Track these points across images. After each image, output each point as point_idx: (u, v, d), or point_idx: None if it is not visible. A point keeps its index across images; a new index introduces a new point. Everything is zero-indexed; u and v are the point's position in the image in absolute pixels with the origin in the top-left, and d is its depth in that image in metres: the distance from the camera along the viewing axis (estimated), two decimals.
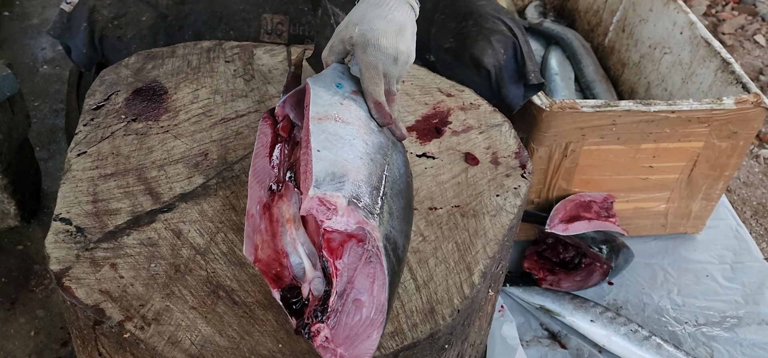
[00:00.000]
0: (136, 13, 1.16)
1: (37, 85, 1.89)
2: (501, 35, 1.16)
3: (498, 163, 0.95)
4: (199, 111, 0.97)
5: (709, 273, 1.49)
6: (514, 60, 1.17)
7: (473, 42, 1.15)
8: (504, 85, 1.16)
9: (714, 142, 1.36)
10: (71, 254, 0.76)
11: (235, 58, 1.08)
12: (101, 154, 0.89)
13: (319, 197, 0.66)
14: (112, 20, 1.15)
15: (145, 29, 1.15)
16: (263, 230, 0.71)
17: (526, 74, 1.17)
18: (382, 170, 0.74)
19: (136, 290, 0.74)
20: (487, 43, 1.14)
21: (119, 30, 1.15)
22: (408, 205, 0.77)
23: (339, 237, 0.66)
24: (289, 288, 0.68)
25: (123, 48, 1.16)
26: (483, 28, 1.15)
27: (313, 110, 0.77)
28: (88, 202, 0.83)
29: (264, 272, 0.69)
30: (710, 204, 1.51)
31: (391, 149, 0.79)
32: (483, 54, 1.14)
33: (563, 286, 1.38)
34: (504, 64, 1.15)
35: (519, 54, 1.17)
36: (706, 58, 1.48)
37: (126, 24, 1.16)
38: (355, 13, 0.85)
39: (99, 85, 1.00)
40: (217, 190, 0.86)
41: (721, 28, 2.65)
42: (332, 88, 0.82)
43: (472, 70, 1.16)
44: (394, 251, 0.68)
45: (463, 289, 0.78)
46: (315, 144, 0.72)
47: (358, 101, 0.82)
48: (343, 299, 0.64)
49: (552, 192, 1.40)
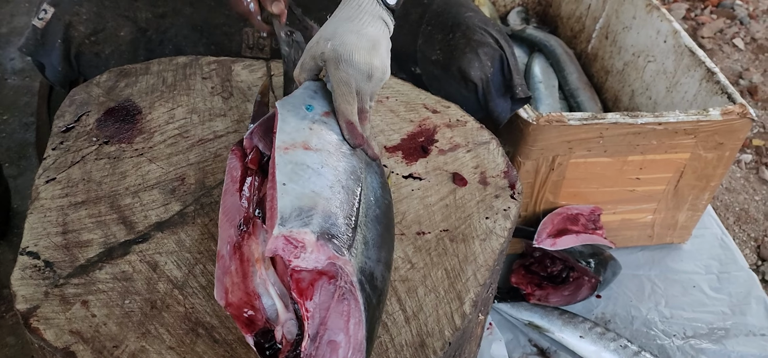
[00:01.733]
0: (115, 27, 1.11)
1: (6, 98, 1.83)
2: (488, 48, 1.13)
3: (487, 184, 0.92)
4: (176, 132, 0.93)
5: (696, 284, 1.49)
6: (501, 73, 1.15)
7: (461, 54, 1.12)
8: (491, 98, 1.14)
9: (700, 153, 1.35)
10: (39, 292, 0.72)
11: (212, 75, 1.04)
12: (71, 180, 0.84)
13: (285, 236, 0.62)
14: (89, 36, 1.10)
15: (124, 45, 1.11)
16: (233, 271, 0.67)
17: (514, 88, 1.15)
18: (354, 197, 0.70)
19: (109, 329, 0.69)
20: (474, 55, 1.12)
21: (97, 46, 1.11)
22: (386, 230, 0.73)
23: (308, 276, 0.62)
24: (263, 332, 0.64)
25: (101, 65, 1.11)
26: (471, 41, 1.13)
27: (279, 139, 0.72)
28: (57, 233, 0.78)
29: (236, 317, 0.65)
30: (696, 214, 1.50)
31: (365, 172, 0.75)
32: (470, 67, 1.12)
33: (551, 301, 1.36)
34: (491, 78, 1.13)
35: (506, 67, 1.15)
36: (691, 67, 1.48)
37: (104, 40, 1.11)
38: (327, 28, 0.80)
39: (68, 106, 0.96)
40: (195, 217, 0.82)
41: (701, 31, 2.66)
42: (301, 112, 0.77)
43: (459, 83, 1.13)
44: (370, 282, 0.64)
45: (454, 320, 0.75)
46: (280, 177, 0.68)
47: (329, 124, 0.78)
48: (317, 343, 0.60)
49: (539, 205, 1.38)
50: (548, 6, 2.08)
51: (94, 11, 1.11)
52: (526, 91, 1.17)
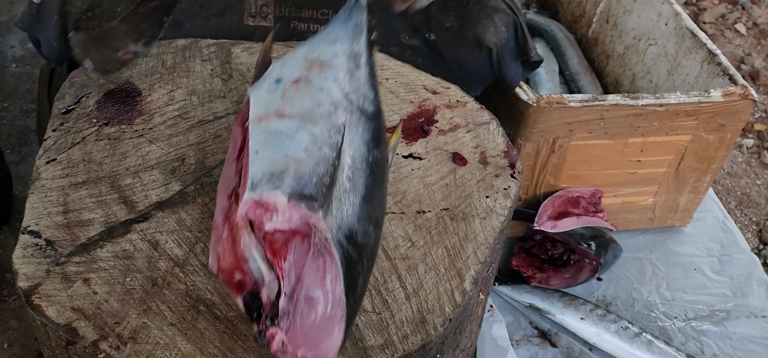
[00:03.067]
0: (112, 3, 1.11)
1: (6, 85, 1.82)
2: (503, 14, 1.17)
3: (487, 163, 0.92)
4: (175, 113, 0.93)
5: (697, 266, 1.49)
6: (514, 39, 1.18)
7: (476, 20, 1.15)
8: (505, 63, 1.17)
9: (702, 135, 1.35)
10: (41, 270, 0.72)
11: (212, 57, 1.04)
12: (72, 161, 0.85)
13: (255, 200, 0.62)
14: (86, 11, 1.10)
15: None
16: (225, 238, 0.67)
17: (528, 51, 1.19)
18: (333, 154, 0.69)
19: (110, 306, 0.70)
20: (489, 21, 1.15)
21: (94, 21, 1.10)
22: (375, 185, 0.71)
23: (282, 237, 0.63)
24: (251, 294, 0.64)
25: None
26: (486, 7, 1.16)
27: (252, 113, 0.72)
28: (58, 213, 0.78)
29: (227, 281, 0.66)
30: (698, 197, 1.49)
31: (351, 128, 0.74)
32: (485, 32, 1.15)
33: (552, 283, 1.36)
34: (505, 43, 1.17)
35: (520, 32, 1.18)
36: (692, 49, 1.47)
37: (101, 15, 1.10)
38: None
39: (68, 88, 0.96)
40: (195, 197, 0.82)
41: (702, 17, 2.65)
42: (271, 85, 0.77)
43: (473, 49, 1.16)
44: (349, 239, 0.64)
45: (454, 297, 0.75)
46: (253, 145, 0.68)
47: (302, 89, 0.76)
48: (294, 299, 0.60)
49: (539, 188, 1.38)
50: None
51: None
52: (539, 55, 1.20)
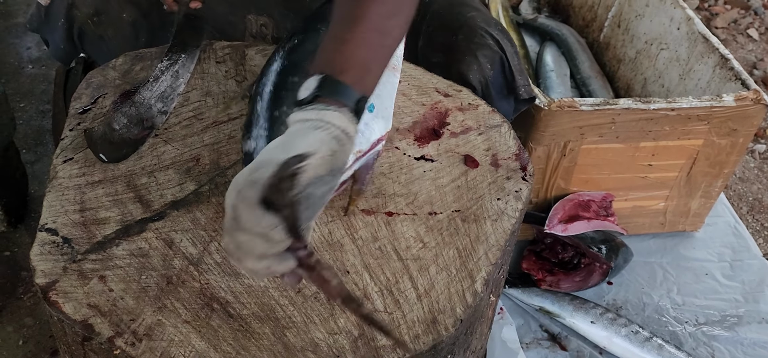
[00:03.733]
0: (117, 10, 1.12)
1: (23, 86, 1.85)
2: (488, 50, 1.13)
3: (498, 166, 0.93)
4: (190, 114, 0.94)
5: (709, 271, 1.48)
6: (501, 75, 1.14)
7: (461, 58, 1.12)
8: (492, 101, 1.13)
9: (713, 139, 1.34)
10: (58, 267, 0.73)
11: (226, 59, 1.05)
12: (88, 160, 0.86)
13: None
14: (92, 16, 1.12)
15: (127, 27, 1.12)
16: None
17: (517, 89, 1.15)
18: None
19: (126, 303, 0.71)
20: (473, 58, 1.12)
21: (99, 27, 1.12)
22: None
23: None
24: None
25: (103, 46, 1.12)
26: (471, 43, 1.13)
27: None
28: (75, 211, 0.79)
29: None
30: (709, 202, 1.49)
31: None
32: (469, 70, 1.12)
33: (562, 286, 1.36)
34: (491, 80, 1.13)
35: (507, 68, 1.14)
36: (704, 54, 1.47)
37: (106, 21, 1.12)
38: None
39: (85, 88, 0.97)
40: (209, 196, 0.83)
41: (714, 22, 2.64)
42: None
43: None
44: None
45: (465, 297, 0.76)
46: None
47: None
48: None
49: (550, 191, 1.38)
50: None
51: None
52: (530, 92, 1.16)
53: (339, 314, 0.72)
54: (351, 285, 0.75)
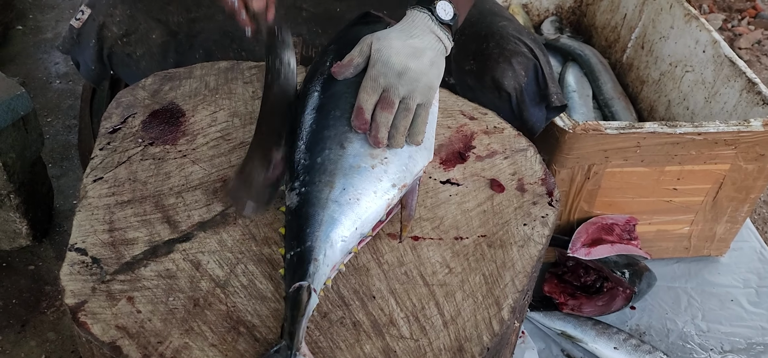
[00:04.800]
0: (147, 30, 1.14)
1: (50, 101, 1.88)
2: (522, 57, 1.13)
3: (524, 190, 0.92)
4: (218, 134, 0.95)
5: (734, 298, 1.46)
6: (535, 82, 1.14)
7: (494, 64, 1.12)
8: (525, 107, 1.14)
9: (740, 164, 1.33)
10: (87, 287, 0.74)
11: (253, 79, 1.06)
12: (118, 180, 0.87)
13: None
14: (122, 37, 1.14)
15: (155, 47, 1.14)
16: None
17: (549, 96, 1.15)
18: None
19: (154, 325, 0.71)
20: (507, 65, 1.12)
21: (129, 47, 1.14)
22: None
23: None
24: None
25: (132, 65, 1.14)
26: (504, 50, 1.13)
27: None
28: (104, 231, 0.80)
29: None
30: (735, 227, 1.47)
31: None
32: (504, 76, 1.12)
33: (585, 311, 1.35)
34: (525, 87, 1.13)
35: (540, 76, 1.14)
36: (731, 77, 1.45)
37: (136, 41, 1.14)
38: (381, 33, 0.85)
39: (115, 108, 0.98)
40: (236, 218, 0.83)
41: (738, 43, 2.62)
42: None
43: (492, 93, 1.13)
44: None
45: (492, 325, 0.75)
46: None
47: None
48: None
49: (574, 214, 1.37)
50: (582, 16, 2.07)
51: (127, 14, 1.14)
52: (562, 99, 1.16)
53: (365, 339, 0.72)
54: (377, 311, 0.75)
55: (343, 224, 0.76)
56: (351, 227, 0.76)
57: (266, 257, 0.79)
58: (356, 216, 0.77)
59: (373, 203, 0.79)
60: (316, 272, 0.72)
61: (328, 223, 0.75)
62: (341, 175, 0.79)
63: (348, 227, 0.76)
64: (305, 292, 0.70)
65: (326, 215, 0.76)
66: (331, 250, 0.74)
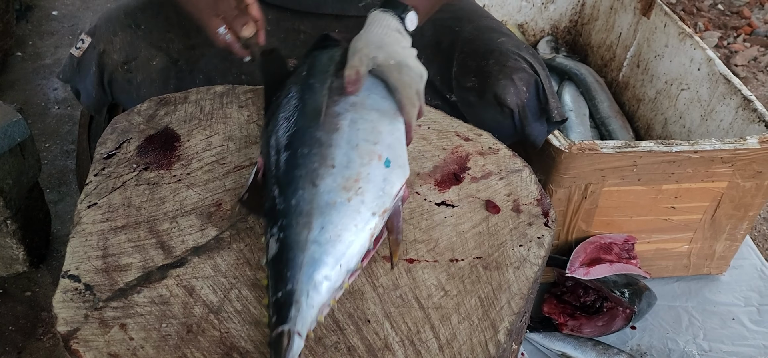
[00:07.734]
0: (147, 57, 1.15)
1: (49, 126, 1.89)
2: (523, 73, 1.14)
3: (520, 211, 0.92)
4: (213, 159, 0.95)
5: (735, 316, 1.45)
6: (536, 97, 1.16)
7: (495, 81, 1.13)
8: (528, 123, 1.15)
9: (738, 182, 1.32)
10: (80, 314, 0.73)
11: (248, 103, 1.06)
12: (112, 205, 0.87)
13: None
14: (123, 64, 1.14)
15: (156, 73, 1.14)
16: None
17: (549, 110, 1.16)
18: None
19: (146, 352, 0.70)
20: (509, 81, 1.13)
21: (129, 74, 1.14)
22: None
23: None
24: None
25: (132, 91, 1.14)
26: (504, 67, 1.14)
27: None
28: (97, 257, 0.80)
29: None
30: (734, 244, 1.46)
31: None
32: (506, 93, 1.13)
33: (585, 331, 1.34)
34: (527, 103, 1.14)
35: (541, 91, 1.16)
36: (726, 95, 1.46)
37: (136, 68, 1.14)
38: (367, 39, 0.87)
39: (110, 133, 0.98)
40: (231, 243, 0.83)
41: (734, 60, 2.63)
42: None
43: (495, 109, 1.14)
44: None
45: (488, 348, 0.74)
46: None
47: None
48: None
49: (571, 234, 1.36)
50: (578, 35, 2.08)
51: (128, 41, 1.14)
52: (562, 113, 1.18)
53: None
54: (372, 335, 0.75)
55: (326, 263, 0.73)
56: (334, 265, 0.73)
57: (261, 281, 0.79)
58: (339, 253, 0.74)
59: (356, 237, 0.76)
60: (298, 315, 0.69)
61: (308, 264, 0.72)
62: (318, 215, 0.75)
63: (331, 265, 0.73)
64: (285, 336, 0.68)
65: (306, 256, 0.73)
66: (314, 291, 0.71)
